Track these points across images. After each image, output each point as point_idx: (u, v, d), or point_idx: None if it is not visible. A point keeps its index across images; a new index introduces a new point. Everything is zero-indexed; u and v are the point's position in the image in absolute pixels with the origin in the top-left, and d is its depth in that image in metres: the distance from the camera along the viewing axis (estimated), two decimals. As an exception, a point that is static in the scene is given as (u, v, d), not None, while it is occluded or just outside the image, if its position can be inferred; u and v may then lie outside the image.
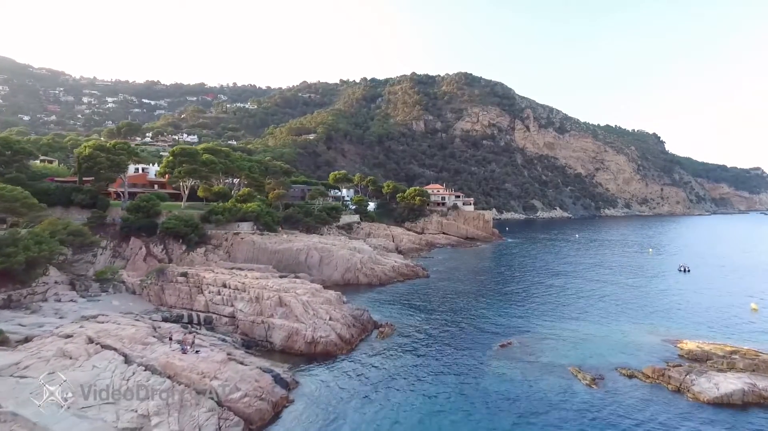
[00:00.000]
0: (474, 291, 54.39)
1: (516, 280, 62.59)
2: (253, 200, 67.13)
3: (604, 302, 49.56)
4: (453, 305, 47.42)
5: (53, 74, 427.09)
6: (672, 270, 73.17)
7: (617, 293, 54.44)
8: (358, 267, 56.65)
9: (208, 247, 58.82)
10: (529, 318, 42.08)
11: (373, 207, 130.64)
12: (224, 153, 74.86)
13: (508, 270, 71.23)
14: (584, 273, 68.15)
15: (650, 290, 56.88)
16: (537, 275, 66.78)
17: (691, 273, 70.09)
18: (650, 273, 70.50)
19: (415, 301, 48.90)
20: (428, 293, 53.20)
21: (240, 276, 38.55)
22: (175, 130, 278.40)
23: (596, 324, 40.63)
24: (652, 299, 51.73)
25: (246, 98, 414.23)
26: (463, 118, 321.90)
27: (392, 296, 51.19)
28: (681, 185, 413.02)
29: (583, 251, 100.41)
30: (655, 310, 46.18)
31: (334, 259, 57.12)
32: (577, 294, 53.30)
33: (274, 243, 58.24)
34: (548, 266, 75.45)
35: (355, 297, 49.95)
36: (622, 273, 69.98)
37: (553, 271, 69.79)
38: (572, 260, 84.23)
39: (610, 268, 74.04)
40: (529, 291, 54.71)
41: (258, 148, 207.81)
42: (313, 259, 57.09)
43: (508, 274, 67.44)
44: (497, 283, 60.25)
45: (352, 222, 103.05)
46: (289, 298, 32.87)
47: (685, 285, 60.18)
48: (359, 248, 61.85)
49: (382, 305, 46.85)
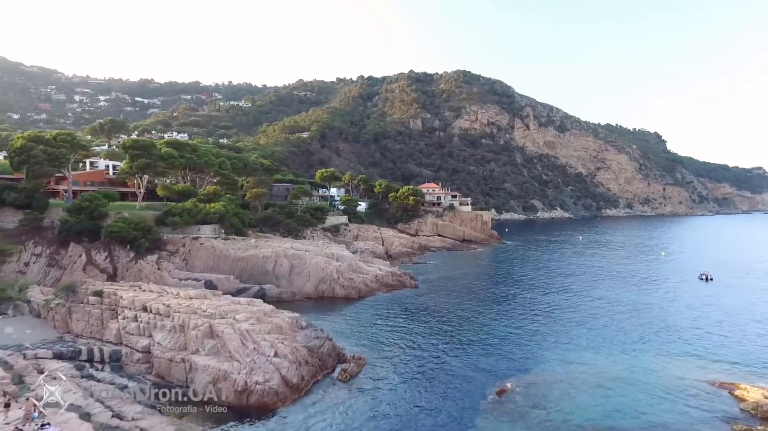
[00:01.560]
0: (467, 308, 46.45)
1: (515, 294, 54.59)
2: (219, 199, 59.29)
3: (622, 323, 41.57)
4: (441, 327, 39.49)
5: (45, 72, 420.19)
6: (692, 278, 65.21)
7: (636, 310, 46.29)
8: (334, 278, 48.82)
9: (162, 254, 50.97)
10: (533, 349, 34.07)
11: (364, 207, 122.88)
12: (190, 147, 67.01)
13: (507, 279, 63.18)
14: (594, 284, 60.09)
15: (673, 305, 48.87)
16: (540, 286, 58.80)
17: (714, 282, 62.14)
18: (668, 282, 62.52)
19: (397, 321, 41.03)
20: (413, 310, 45.32)
21: (169, 295, 30.69)
22: (164, 128, 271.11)
23: (617, 356, 32.60)
24: (679, 318, 43.68)
25: (241, 97, 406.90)
26: (461, 116, 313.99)
27: (370, 314, 43.31)
28: (683, 185, 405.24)
29: (589, 256, 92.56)
30: (686, 334, 38.19)
31: (307, 268, 49.29)
32: (588, 312, 45.08)
33: (238, 249, 50.41)
34: (552, 274, 67.54)
35: (325, 316, 42.12)
36: (636, 282, 62.05)
37: (558, 281, 61.58)
38: (578, 267, 76.38)
39: (623, 277, 66.04)
40: (531, 308, 46.60)
41: (247, 146, 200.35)
42: (282, 268, 49.27)
43: (507, 286, 59.48)
44: (494, 297, 52.15)
45: (339, 223, 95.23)
46: (223, 327, 25.11)
47: (713, 299, 52.05)
48: (338, 254, 54.00)
49: (355, 327, 38.94)
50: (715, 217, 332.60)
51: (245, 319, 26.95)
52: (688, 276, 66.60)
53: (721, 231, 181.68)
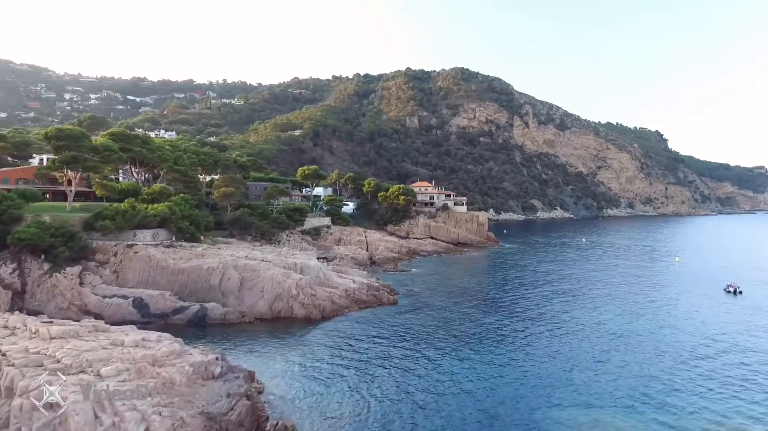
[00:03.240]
0: (452, 335, 37.71)
1: (513, 312, 45.77)
2: (168, 199, 50.71)
3: (643, 362, 32.66)
4: (413, 368, 30.48)
5: (36, 70, 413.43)
6: (716, 291, 56.38)
7: (657, 340, 37.16)
8: (292, 294, 40.28)
9: (89, 265, 42.44)
10: (526, 409, 25.34)
11: (351, 208, 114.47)
12: (140, 139, 58.44)
13: (502, 295, 54.21)
14: (603, 302, 50.98)
15: (702, 331, 39.73)
16: (542, 301, 50.11)
17: (745, 296, 53.34)
18: (689, 297, 53.64)
19: (360, 355, 32.34)
20: (385, 336, 36.60)
21: (23, 333, 22.17)
22: (152, 125, 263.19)
23: (645, 417, 24.19)
24: (719, 349, 34.76)
25: (236, 95, 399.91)
26: (459, 114, 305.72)
27: (328, 344, 34.53)
28: (686, 184, 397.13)
29: (595, 261, 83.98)
30: (734, 373, 29.61)
31: (260, 282, 40.77)
32: (600, 346, 35.67)
33: (179, 259, 41.90)
34: (554, 288, 58.65)
35: (270, 346, 33.46)
36: (652, 297, 53.15)
37: (561, 299, 52.33)
38: (584, 275, 67.74)
39: (635, 292, 56.84)
40: (529, 339, 37.20)
41: (234, 144, 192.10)
42: (230, 282, 40.78)
43: (503, 300, 50.73)
44: (484, 320, 42.87)
45: (320, 226, 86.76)
46: (69, 391, 16.56)
47: (750, 320, 43.04)
48: (302, 265, 45.42)
49: (301, 366, 30.10)
50: (719, 217, 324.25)
51: (116, 373, 18.53)
52: (711, 289, 57.74)
53: (731, 232, 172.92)
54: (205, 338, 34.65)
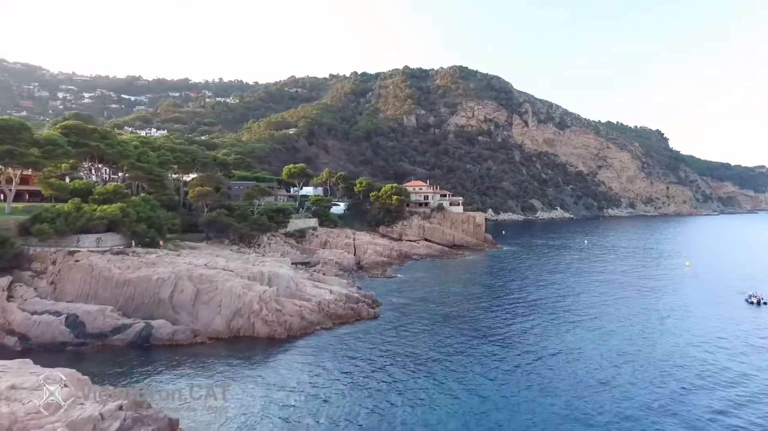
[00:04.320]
0: (437, 360, 32.06)
1: (509, 332, 39.78)
2: (123, 198, 45.15)
3: (665, 385, 27.64)
4: (389, 407, 25.30)
5: (29, 69, 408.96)
6: (736, 301, 50.63)
7: (679, 359, 31.98)
8: (254, 309, 34.72)
9: (22, 275, 36.92)
10: None
11: (342, 208, 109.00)
12: (99, 133, 52.83)
13: (500, 304, 48.63)
14: (612, 314, 45.17)
15: (732, 347, 34.51)
16: (543, 318, 44.06)
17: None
18: (708, 307, 47.82)
19: (324, 392, 26.58)
20: (357, 363, 30.84)
21: None
22: (144, 124, 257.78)
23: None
24: (749, 372, 29.62)
25: (232, 94, 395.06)
26: (457, 112, 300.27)
27: (288, 373, 28.76)
28: (687, 183, 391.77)
29: (600, 266, 78.27)
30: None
31: (218, 295, 35.23)
32: (614, 368, 30.42)
33: (125, 268, 36.34)
34: (558, 298, 52.97)
35: (214, 372, 27.69)
36: (666, 310, 47.23)
37: (566, 310, 46.65)
38: (588, 284, 61.72)
39: (648, 301, 51.23)
40: (531, 362, 31.74)
41: (225, 143, 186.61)
42: (183, 295, 35.24)
43: (499, 315, 44.87)
44: (478, 338, 37.25)
45: (306, 227, 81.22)
46: None
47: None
48: (270, 273, 39.81)
49: (242, 408, 24.57)
50: (721, 217, 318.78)
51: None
52: (730, 299, 52.00)
53: (738, 233, 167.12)
54: (142, 365, 29.03)
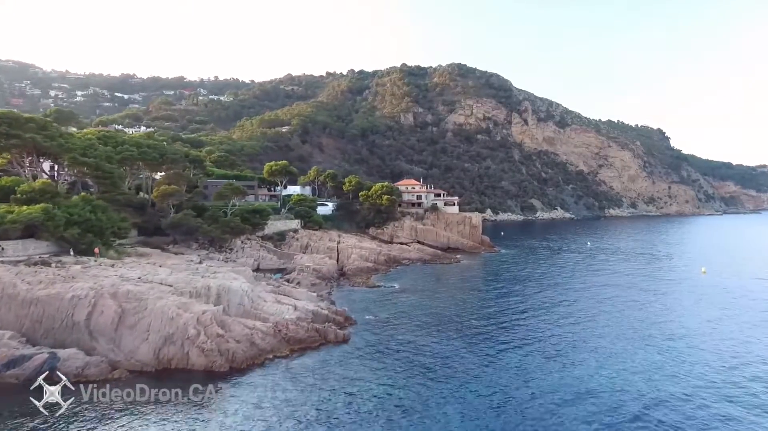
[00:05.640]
0: (413, 400, 26.04)
1: (505, 361, 32.90)
2: (53, 198, 38.85)
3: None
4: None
5: (21, 67, 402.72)
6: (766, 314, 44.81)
7: (716, 398, 26.12)
8: (189, 335, 28.33)
9: None
10: None
11: (331, 208, 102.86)
12: (35, 123, 46.44)
13: (495, 321, 42.10)
14: (627, 336, 38.57)
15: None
16: (545, 340, 37.76)
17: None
18: (738, 326, 41.12)
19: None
20: (308, 412, 24.28)
21: None
22: (133, 121, 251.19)
23: None
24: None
25: (227, 92, 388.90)
26: (455, 110, 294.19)
27: (213, 418, 22.64)
28: (689, 183, 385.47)
29: (606, 274, 70.92)
30: None
31: (147, 317, 28.92)
32: (639, 410, 24.67)
33: (36, 284, 30.11)
34: (565, 314, 46.48)
35: (117, 425, 21.37)
36: (686, 327, 40.56)
37: (572, 332, 40.01)
38: (597, 296, 54.53)
39: (668, 316, 44.95)
40: (531, 399, 26.02)
41: (214, 140, 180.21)
42: (104, 317, 28.96)
43: (494, 337, 38.27)
44: (469, 365, 30.97)
45: (286, 230, 75.03)
46: None
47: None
48: (220, 288, 33.37)
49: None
50: (725, 217, 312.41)
51: None
52: (762, 314, 45.81)
53: (748, 235, 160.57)
54: (23, 415, 22.41)
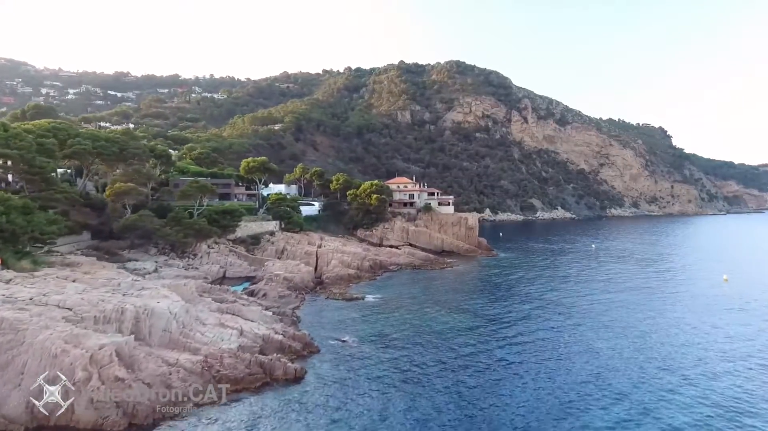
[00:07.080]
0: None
1: (500, 419, 27.02)
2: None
3: None
4: None
5: (13, 65, 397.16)
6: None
7: None
8: (77, 379, 20.39)
9: None
10: None
11: (317, 209, 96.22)
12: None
13: (490, 348, 34.67)
14: (649, 357, 31.77)
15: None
16: (548, 370, 31.37)
17: None
18: None
19: None
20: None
21: None
22: (122, 119, 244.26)
23: None
24: None
25: (221, 90, 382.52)
26: (454, 108, 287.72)
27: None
28: (692, 182, 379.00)
29: (616, 281, 62.96)
30: None
31: (22, 355, 21.71)
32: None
33: None
34: (565, 332, 39.68)
35: None
36: (713, 351, 34.30)
37: (581, 358, 33.36)
38: (608, 309, 47.34)
39: (696, 336, 38.58)
40: None
41: (201, 138, 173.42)
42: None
43: (489, 371, 31.23)
44: (455, 416, 24.59)
45: (261, 232, 68.29)
46: None
47: None
48: (140, 310, 26.22)
49: None
50: (729, 217, 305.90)
51: None
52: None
53: (760, 234, 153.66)
54: None
